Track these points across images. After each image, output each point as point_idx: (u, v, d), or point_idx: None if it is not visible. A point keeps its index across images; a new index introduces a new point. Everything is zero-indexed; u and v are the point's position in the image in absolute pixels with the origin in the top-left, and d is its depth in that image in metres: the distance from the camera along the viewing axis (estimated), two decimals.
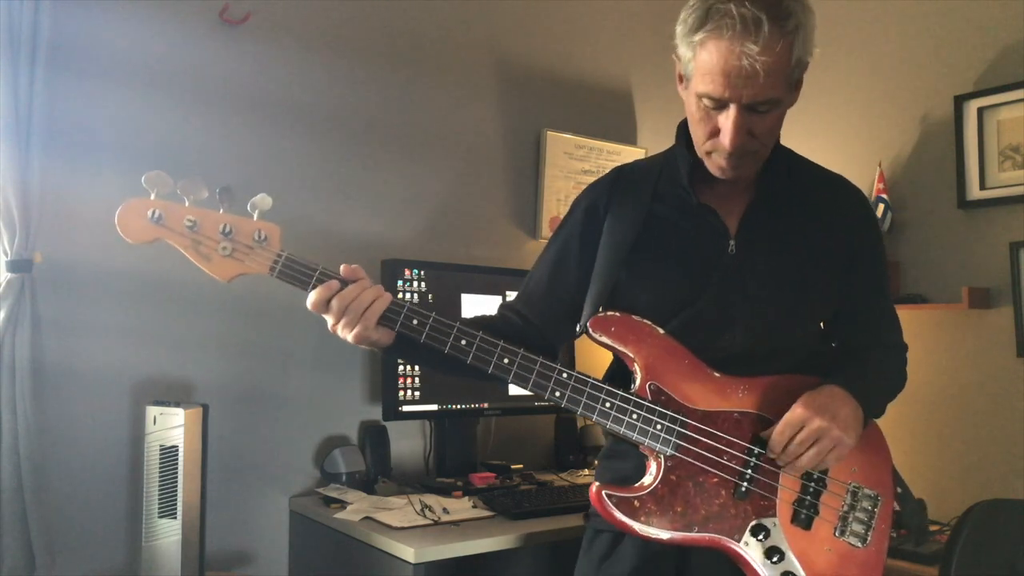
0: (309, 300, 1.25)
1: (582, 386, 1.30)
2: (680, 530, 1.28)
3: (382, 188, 2.43)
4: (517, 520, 1.93)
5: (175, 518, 1.81)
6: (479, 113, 2.64)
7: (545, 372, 1.29)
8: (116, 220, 1.22)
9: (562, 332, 1.46)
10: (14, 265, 1.86)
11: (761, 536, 1.29)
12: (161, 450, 1.82)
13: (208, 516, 1.88)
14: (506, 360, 1.29)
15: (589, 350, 1.52)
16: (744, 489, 1.30)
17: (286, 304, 2.13)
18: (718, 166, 1.30)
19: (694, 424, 1.30)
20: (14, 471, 1.83)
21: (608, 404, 1.29)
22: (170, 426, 1.81)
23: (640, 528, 1.27)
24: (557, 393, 1.29)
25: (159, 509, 1.82)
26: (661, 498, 1.28)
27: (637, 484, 1.30)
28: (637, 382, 1.31)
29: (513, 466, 2.44)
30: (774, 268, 1.35)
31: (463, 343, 1.28)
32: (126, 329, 2.02)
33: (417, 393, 2.26)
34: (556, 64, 2.81)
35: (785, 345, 1.36)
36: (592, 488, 1.29)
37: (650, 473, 1.30)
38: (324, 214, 2.33)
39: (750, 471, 1.30)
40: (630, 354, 1.32)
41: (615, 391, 1.30)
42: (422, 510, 1.96)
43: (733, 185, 1.36)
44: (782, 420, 1.27)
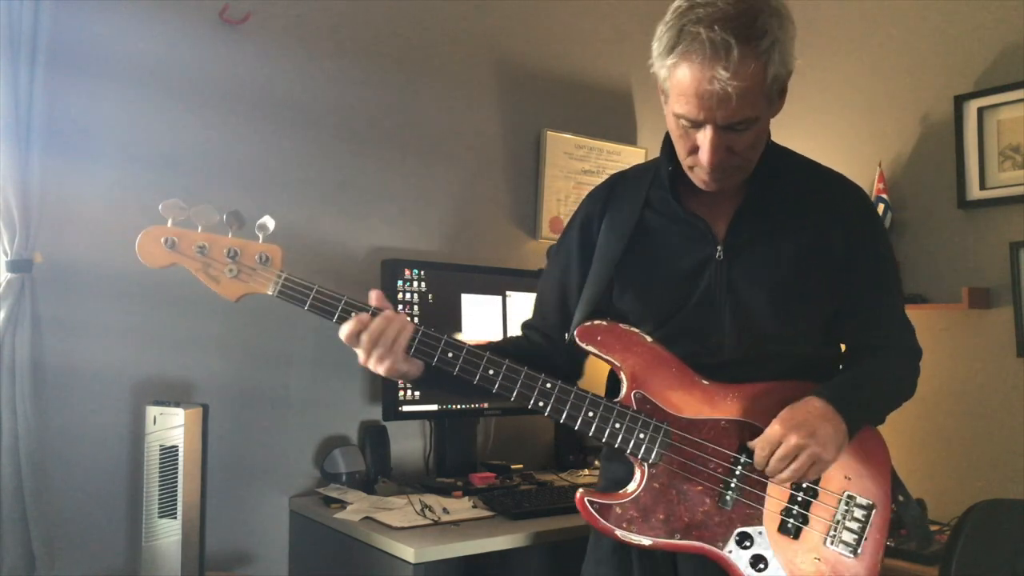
0: (343, 332, 1.33)
1: (565, 395, 1.31)
2: (662, 537, 1.28)
3: (382, 188, 2.43)
4: (517, 520, 1.93)
5: (175, 518, 1.81)
6: (479, 113, 2.64)
7: (528, 383, 1.31)
8: (136, 248, 1.34)
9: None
10: (14, 265, 1.86)
11: (746, 544, 1.29)
12: (161, 450, 1.82)
13: (208, 516, 1.88)
14: (491, 371, 1.32)
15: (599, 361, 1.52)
16: (729, 498, 1.29)
17: (286, 304, 2.12)
18: (701, 180, 1.30)
19: (678, 432, 1.30)
20: (14, 471, 1.83)
21: (591, 413, 1.30)
22: (170, 426, 1.81)
23: (622, 534, 1.29)
24: (540, 403, 1.31)
25: (159, 509, 1.81)
26: (644, 505, 1.29)
27: (621, 491, 1.31)
28: (623, 390, 1.33)
29: (513, 466, 2.44)
30: (762, 274, 1.33)
31: (449, 356, 1.31)
32: (126, 329, 2.02)
33: (417, 393, 2.25)
34: (556, 64, 2.81)
35: (776, 351, 1.34)
36: (577, 495, 1.31)
37: (634, 480, 1.31)
38: (324, 214, 2.33)
39: (735, 480, 1.30)
40: (616, 363, 1.33)
41: (598, 399, 1.31)
42: (422, 510, 1.96)
43: (722, 191, 1.35)
44: (761, 436, 1.26)
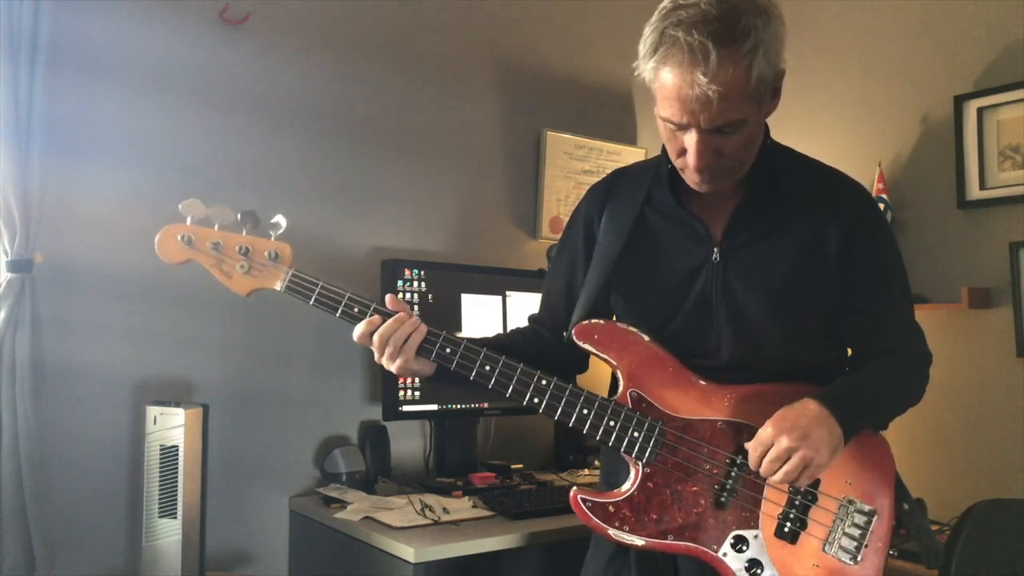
0: (355, 333, 1.36)
1: (559, 392, 1.31)
2: (654, 537, 1.27)
3: (382, 188, 2.43)
4: (517, 520, 1.93)
5: (175, 518, 1.81)
6: (479, 113, 2.64)
7: (524, 379, 1.32)
8: (156, 244, 1.38)
9: None
10: (14, 265, 1.86)
11: (742, 548, 1.27)
12: (161, 450, 1.82)
13: (208, 516, 1.88)
14: (487, 367, 1.33)
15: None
16: (724, 499, 1.28)
17: (286, 304, 2.11)
18: (692, 181, 1.29)
19: (673, 432, 1.29)
20: (14, 471, 1.83)
21: (585, 411, 1.30)
22: (170, 426, 1.81)
23: (614, 533, 1.28)
24: (535, 399, 1.32)
25: (159, 509, 1.81)
26: (637, 505, 1.28)
27: (615, 490, 1.31)
28: (619, 389, 1.33)
29: (513, 466, 2.44)
30: (758, 276, 1.32)
31: (447, 351, 1.34)
32: (126, 329, 2.02)
33: (417, 393, 2.25)
34: (556, 64, 2.81)
35: (773, 353, 1.33)
36: (571, 492, 1.32)
37: (629, 479, 1.31)
38: (324, 214, 2.33)
39: (731, 481, 1.29)
40: (612, 361, 1.34)
41: (593, 397, 1.31)
42: (422, 510, 1.96)
43: (719, 191, 1.33)
44: (755, 437, 1.23)
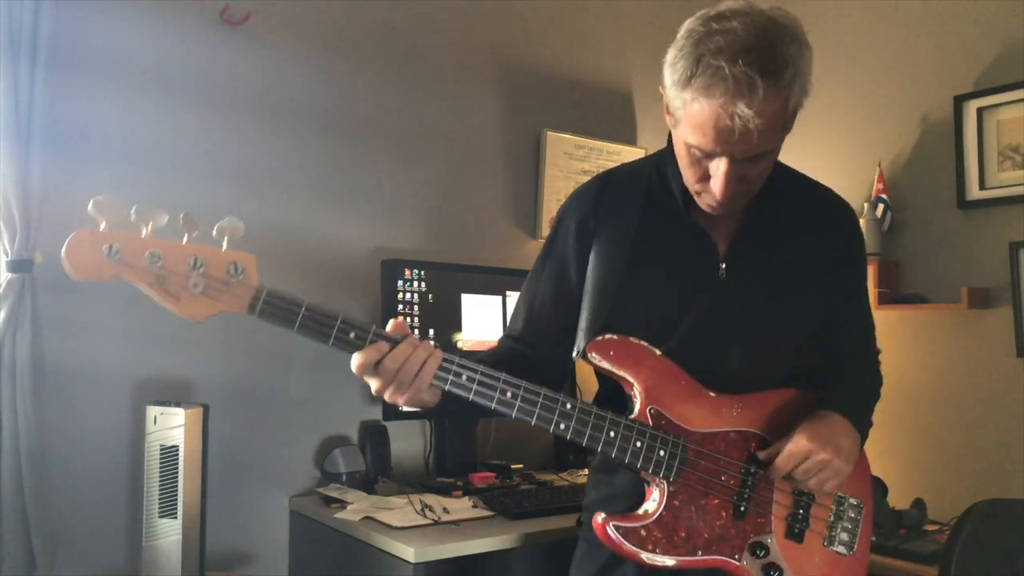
0: (354, 363, 1.17)
1: (586, 416, 1.24)
2: (685, 555, 1.26)
3: (382, 188, 2.43)
4: (517, 520, 1.93)
5: (175, 518, 1.81)
6: (479, 113, 2.64)
7: (549, 404, 1.23)
8: (64, 257, 1.04)
9: (570, 356, 1.42)
10: (14, 265, 1.86)
11: (761, 554, 1.29)
12: (161, 450, 1.82)
13: (208, 516, 1.88)
14: (509, 394, 1.21)
15: (584, 371, 1.49)
16: (743, 509, 1.29)
17: None
18: (708, 205, 1.27)
19: (694, 448, 1.28)
20: (14, 471, 1.83)
21: (612, 433, 1.25)
22: (170, 426, 1.81)
23: (647, 557, 1.25)
24: (562, 426, 1.23)
25: (159, 509, 1.82)
26: (666, 525, 1.26)
27: (641, 512, 1.27)
28: (637, 407, 1.28)
29: (513, 466, 2.44)
30: (764, 290, 1.34)
31: (464, 378, 1.20)
32: (126, 329, 2.02)
33: None
34: (556, 64, 2.81)
35: (775, 364, 1.35)
36: (597, 519, 1.26)
37: (652, 499, 1.27)
38: (324, 214, 2.32)
39: (747, 490, 1.29)
40: (629, 378, 1.28)
41: (618, 419, 1.26)
42: (422, 510, 1.96)
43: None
44: (786, 450, 1.26)
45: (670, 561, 1.25)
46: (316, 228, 2.30)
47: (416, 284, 2.29)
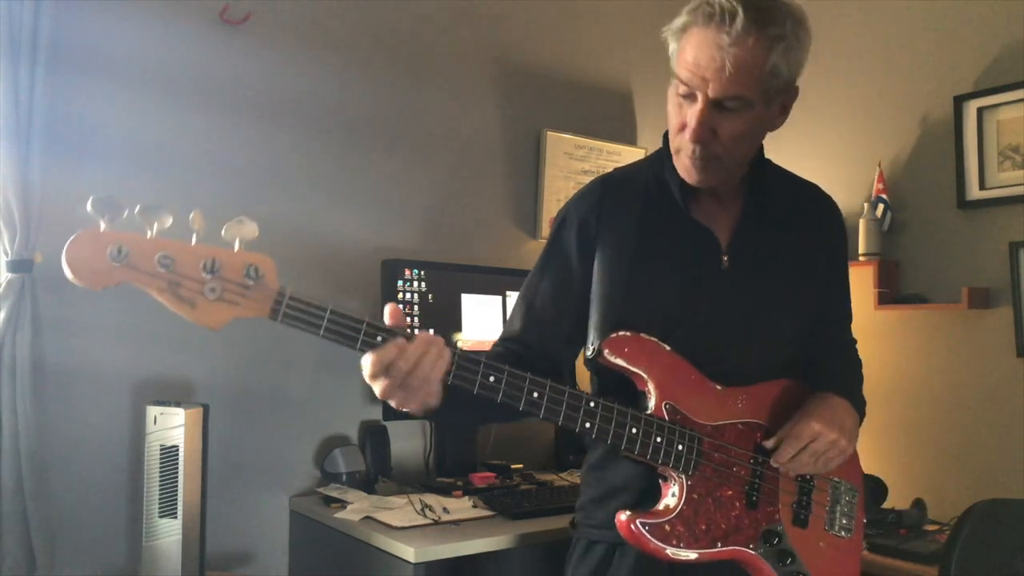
0: (368, 364, 1.09)
1: (609, 413, 1.23)
2: (706, 547, 1.27)
3: (383, 188, 2.43)
4: (517, 520, 1.93)
5: (175, 518, 1.81)
6: (479, 113, 2.64)
7: (574, 403, 1.21)
8: (65, 259, 0.95)
9: (572, 355, 1.42)
10: (14, 265, 1.86)
11: (774, 541, 1.31)
12: (161, 450, 1.82)
13: (208, 516, 1.88)
14: (535, 394, 1.17)
15: (579, 372, 1.48)
16: (755, 498, 1.31)
17: None
18: (684, 166, 1.29)
19: (708, 440, 1.29)
20: (14, 471, 1.83)
21: (634, 430, 1.24)
22: (170, 426, 1.81)
23: (672, 552, 1.24)
24: (587, 424, 1.21)
25: (159, 509, 1.82)
26: (687, 519, 1.27)
27: (662, 507, 1.27)
28: (652, 402, 1.28)
29: (513, 466, 2.44)
30: (766, 282, 1.37)
31: (491, 380, 1.14)
32: (126, 329, 2.02)
33: None
34: (556, 64, 2.81)
35: (774, 356, 1.38)
36: (620, 517, 1.25)
37: (672, 495, 1.28)
38: (324, 214, 2.33)
39: (758, 480, 1.32)
40: (643, 374, 1.28)
41: (638, 416, 1.25)
42: (422, 510, 1.96)
43: (720, 199, 1.37)
44: (792, 433, 1.29)
45: (693, 555, 1.26)
46: (316, 228, 2.30)
47: (416, 284, 2.29)
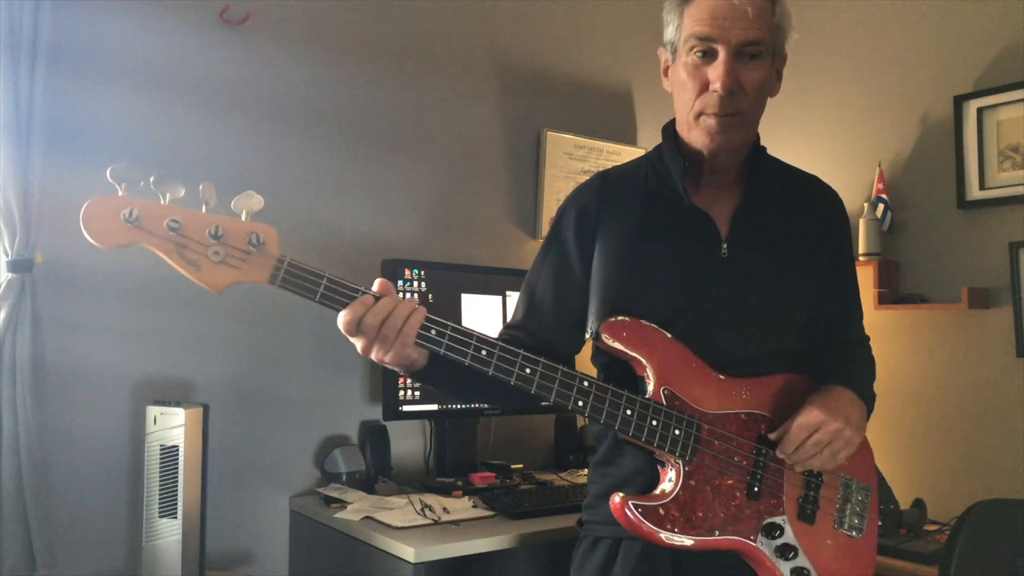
0: (342, 319, 1.15)
1: (603, 394, 1.25)
2: (703, 535, 1.27)
3: (382, 188, 2.44)
4: (517, 520, 1.93)
5: (175, 518, 1.81)
6: (479, 113, 2.64)
7: (567, 381, 1.24)
8: (82, 220, 1.06)
9: (574, 343, 1.43)
10: (14, 265, 1.86)
11: (776, 534, 1.30)
12: (161, 450, 1.82)
13: (208, 516, 1.88)
14: (528, 370, 1.22)
15: (582, 360, 1.49)
16: (757, 489, 1.31)
17: (287, 303, 2.13)
18: (707, 128, 1.28)
19: (708, 427, 1.29)
20: (14, 471, 1.83)
21: (629, 411, 1.26)
22: (170, 426, 1.81)
23: (666, 536, 1.24)
24: (580, 403, 1.24)
25: (159, 509, 1.82)
26: (683, 504, 1.26)
27: (658, 492, 1.28)
28: (651, 387, 1.28)
29: (513, 466, 2.44)
30: (766, 270, 1.36)
31: (483, 353, 1.20)
32: (126, 329, 2.02)
33: (417, 393, 2.26)
34: (556, 64, 2.81)
35: (779, 345, 1.38)
36: (615, 499, 1.26)
37: (669, 480, 1.28)
38: (324, 214, 2.33)
39: (760, 471, 1.31)
40: (642, 359, 1.29)
41: (634, 398, 1.26)
42: (422, 510, 1.96)
43: (720, 187, 1.37)
44: (796, 422, 1.28)
45: (688, 541, 1.26)
46: (316, 228, 2.30)
47: (416, 284, 2.29)
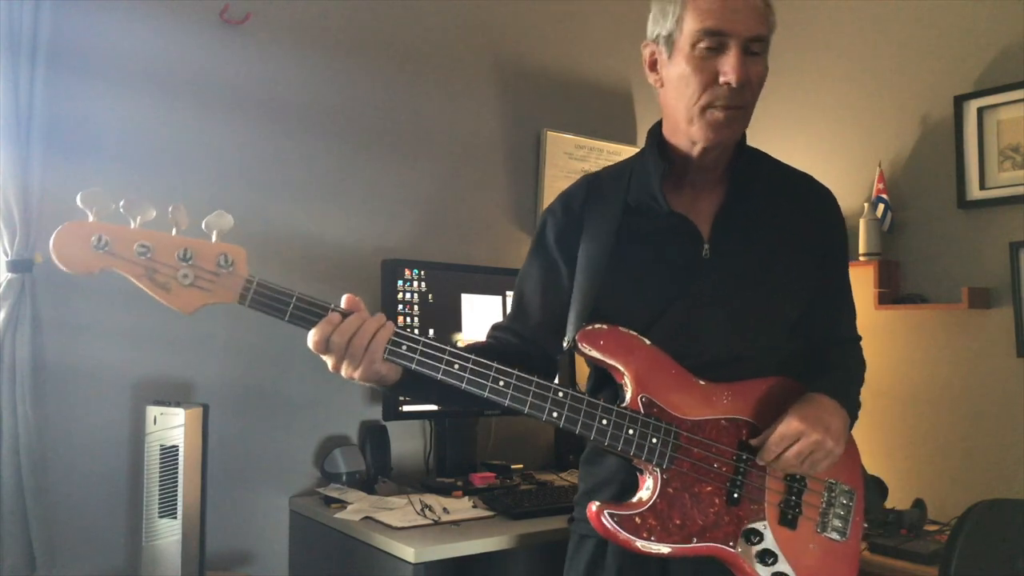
0: (310, 340, 1.16)
1: (578, 404, 1.26)
2: (680, 542, 1.27)
3: (382, 188, 2.44)
4: (517, 520, 1.93)
5: (175, 518, 1.81)
6: (479, 113, 2.64)
7: (541, 392, 1.25)
8: (51, 248, 1.06)
9: (559, 346, 1.43)
10: (14, 265, 1.86)
11: (755, 540, 1.29)
12: (161, 450, 1.82)
13: (208, 516, 1.88)
14: (501, 383, 1.23)
15: (581, 361, 1.49)
16: (736, 496, 1.30)
17: None
18: (714, 120, 1.27)
19: (686, 435, 1.29)
20: (14, 471, 1.83)
21: (604, 421, 1.26)
22: (170, 426, 1.81)
23: (642, 545, 1.25)
24: (555, 414, 1.25)
25: (159, 509, 1.82)
26: (660, 512, 1.26)
27: (635, 500, 1.28)
28: (628, 395, 1.29)
29: (513, 466, 2.44)
30: (749, 271, 1.35)
31: (456, 367, 1.21)
32: (126, 329, 2.02)
33: None
34: (556, 64, 2.81)
35: (763, 348, 1.36)
36: (591, 508, 1.27)
37: (646, 488, 1.28)
38: (324, 214, 2.33)
39: (740, 477, 1.30)
40: (619, 367, 1.30)
41: (610, 407, 1.27)
42: (422, 510, 1.96)
43: (703, 186, 1.37)
44: (777, 432, 1.27)
45: (665, 548, 1.26)
46: (316, 228, 2.30)
47: (416, 284, 2.29)
